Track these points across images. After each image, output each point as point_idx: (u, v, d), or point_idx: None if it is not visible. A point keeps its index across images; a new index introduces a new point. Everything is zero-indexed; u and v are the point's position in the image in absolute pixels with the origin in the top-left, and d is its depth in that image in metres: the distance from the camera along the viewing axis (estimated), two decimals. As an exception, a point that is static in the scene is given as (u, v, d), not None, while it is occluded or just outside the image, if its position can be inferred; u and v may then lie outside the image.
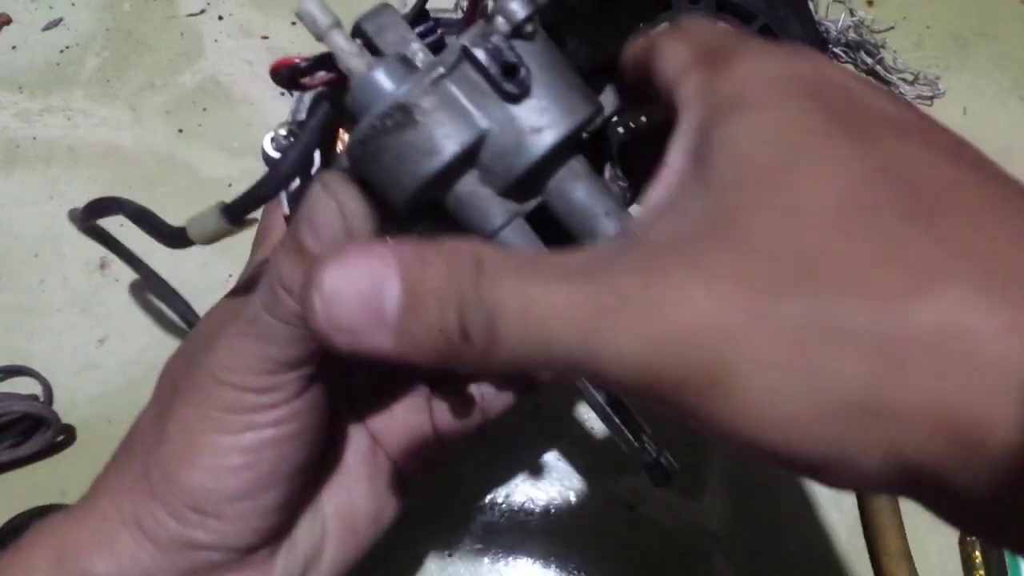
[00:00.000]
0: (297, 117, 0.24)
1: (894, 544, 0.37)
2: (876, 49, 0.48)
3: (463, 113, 0.19)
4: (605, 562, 0.39)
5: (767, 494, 0.40)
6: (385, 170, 0.20)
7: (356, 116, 0.20)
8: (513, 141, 0.20)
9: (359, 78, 0.20)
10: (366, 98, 0.20)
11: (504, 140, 0.20)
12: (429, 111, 0.19)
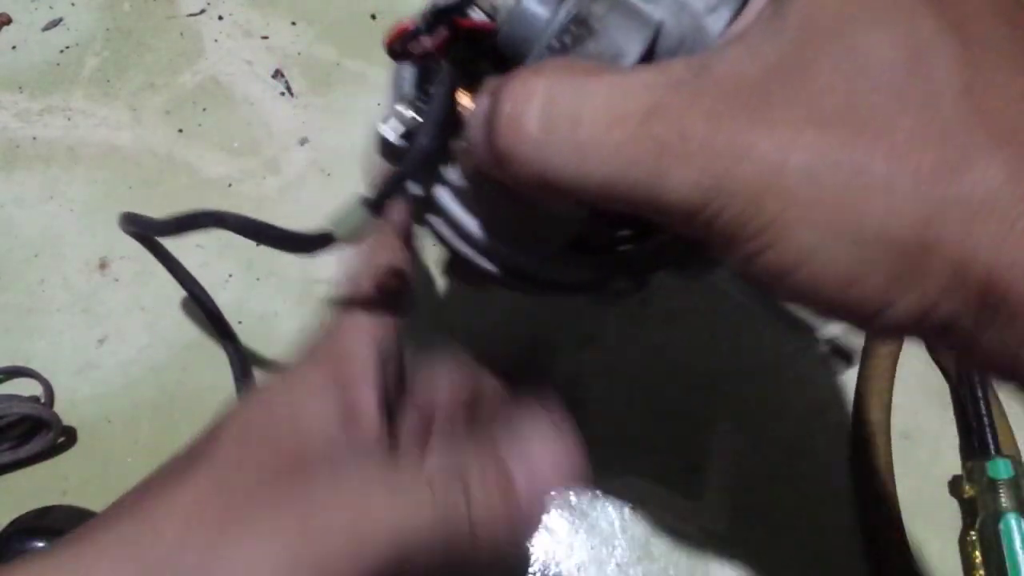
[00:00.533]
0: (403, 92, 0.22)
1: (894, 544, 0.38)
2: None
3: (635, 11, 0.19)
4: (607, 564, 0.39)
5: (767, 494, 0.40)
6: None
7: (516, 51, 0.19)
8: (691, 25, 0.19)
9: (511, 11, 0.19)
10: (526, 28, 0.19)
11: (681, 27, 0.19)
12: (604, 16, 0.19)
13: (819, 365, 0.42)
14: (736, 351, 0.42)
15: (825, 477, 0.40)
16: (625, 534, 0.39)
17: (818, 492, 0.40)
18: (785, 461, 0.40)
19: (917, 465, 0.40)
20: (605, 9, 0.19)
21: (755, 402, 0.41)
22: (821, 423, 0.41)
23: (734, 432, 0.41)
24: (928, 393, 0.42)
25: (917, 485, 0.40)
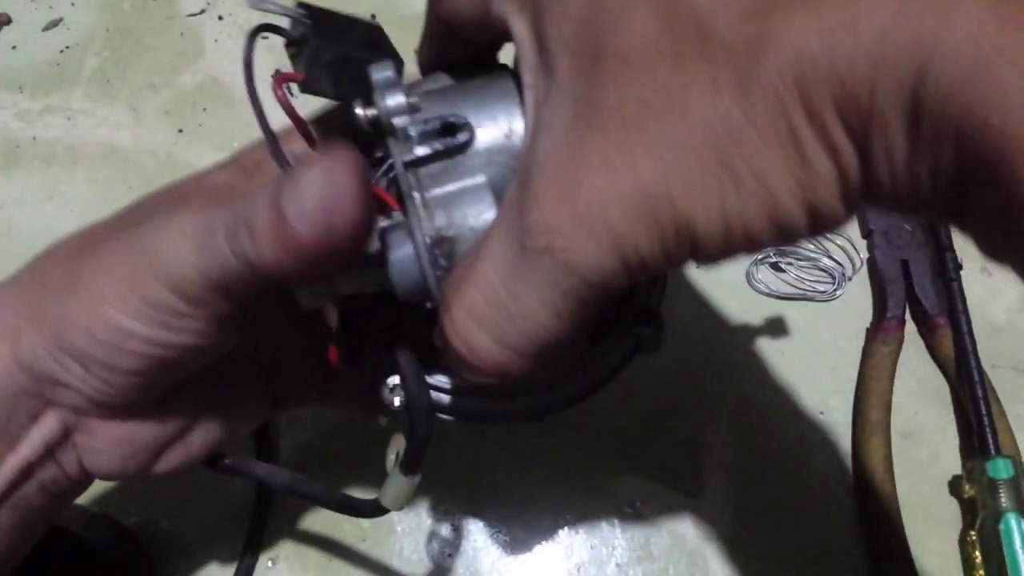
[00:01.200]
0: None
1: (894, 544, 0.38)
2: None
3: (469, 191, 0.21)
4: (607, 564, 0.39)
5: (767, 494, 0.40)
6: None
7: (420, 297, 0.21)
8: (510, 155, 0.21)
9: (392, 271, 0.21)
10: (409, 278, 0.21)
11: (504, 165, 0.21)
12: (451, 220, 0.20)
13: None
14: (736, 351, 0.42)
15: (825, 477, 0.40)
16: (625, 534, 0.39)
17: (818, 492, 0.40)
18: (785, 461, 0.40)
19: (917, 465, 0.40)
20: (446, 219, 0.21)
21: (755, 402, 0.41)
22: (821, 423, 0.41)
23: (734, 432, 0.41)
24: (928, 393, 0.42)
25: (917, 485, 0.40)
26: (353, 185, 0.19)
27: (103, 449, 0.25)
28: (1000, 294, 0.43)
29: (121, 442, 0.25)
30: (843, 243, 0.44)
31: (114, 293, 0.21)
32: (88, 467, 0.25)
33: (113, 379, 0.23)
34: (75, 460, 0.25)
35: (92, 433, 0.24)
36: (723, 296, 0.43)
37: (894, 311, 0.42)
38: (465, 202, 0.20)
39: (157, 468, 0.26)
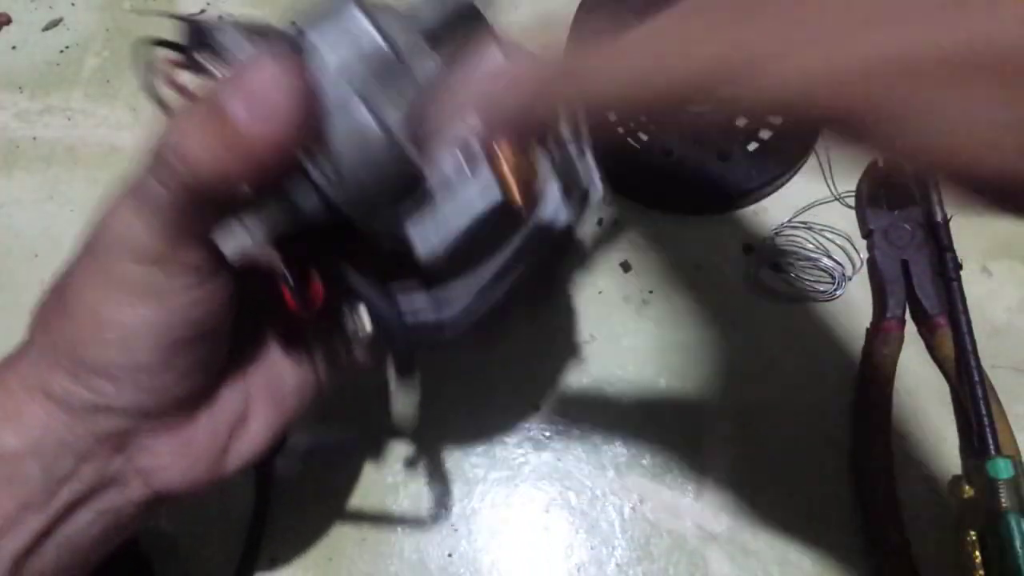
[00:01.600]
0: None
1: (894, 544, 0.37)
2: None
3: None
4: (607, 564, 0.39)
5: (767, 494, 0.40)
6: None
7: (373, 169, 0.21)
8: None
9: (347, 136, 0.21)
10: (362, 142, 0.21)
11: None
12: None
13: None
14: (736, 351, 0.42)
15: (825, 477, 0.40)
16: (625, 534, 0.39)
17: (818, 492, 0.40)
18: (785, 461, 0.40)
19: (917, 465, 0.40)
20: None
21: (755, 402, 0.41)
22: (821, 423, 0.41)
23: (734, 432, 0.41)
24: (928, 393, 0.42)
25: (917, 485, 0.40)
26: (286, 68, 0.19)
27: (167, 465, 0.25)
28: (1000, 294, 0.43)
29: (181, 452, 0.25)
30: (843, 243, 0.44)
31: (99, 295, 0.22)
32: (160, 489, 0.25)
33: (143, 380, 0.23)
34: (140, 486, 0.25)
35: (151, 452, 0.24)
36: (723, 296, 0.43)
37: (894, 311, 0.42)
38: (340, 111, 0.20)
39: (228, 468, 0.26)
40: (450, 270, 0.24)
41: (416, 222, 0.22)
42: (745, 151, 0.45)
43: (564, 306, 0.43)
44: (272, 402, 0.27)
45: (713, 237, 0.45)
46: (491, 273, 0.25)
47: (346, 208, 0.21)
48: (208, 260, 0.22)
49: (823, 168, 0.46)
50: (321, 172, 0.20)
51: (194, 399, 0.25)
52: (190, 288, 0.22)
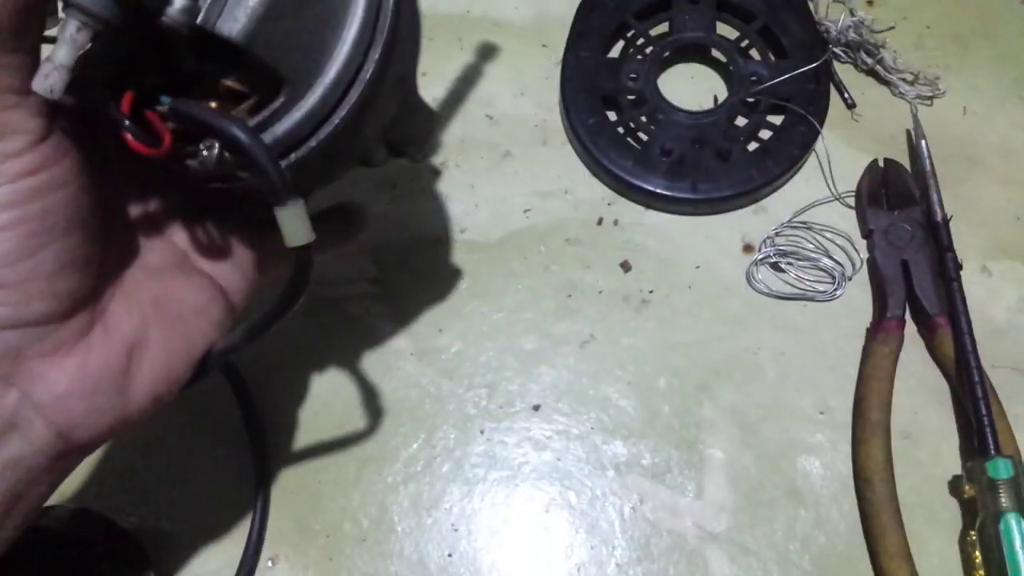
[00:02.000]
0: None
1: (894, 544, 0.38)
2: (876, 49, 0.48)
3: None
4: (607, 564, 0.39)
5: (767, 494, 0.40)
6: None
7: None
8: None
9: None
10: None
11: None
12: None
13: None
14: (736, 351, 0.42)
15: (825, 477, 0.40)
16: (625, 534, 0.39)
17: (818, 492, 0.40)
18: (785, 461, 0.40)
19: (917, 465, 0.40)
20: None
21: (755, 402, 0.41)
22: (821, 423, 0.41)
23: (733, 432, 0.41)
24: (928, 393, 0.42)
25: (917, 485, 0.40)
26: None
27: (64, 393, 0.23)
28: (1000, 294, 0.43)
29: (77, 375, 0.23)
30: (843, 243, 0.44)
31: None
32: (64, 427, 0.23)
33: (6, 274, 0.21)
34: (42, 426, 0.23)
35: (46, 380, 0.23)
36: (723, 296, 0.44)
37: (894, 311, 0.42)
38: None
39: (134, 398, 0.25)
40: (279, 55, 0.23)
41: (213, 4, 0.21)
42: (745, 151, 0.45)
43: (564, 307, 0.43)
44: (169, 322, 0.26)
45: (713, 237, 0.45)
46: (337, 68, 0.24)
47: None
48: (39, 120, 0.21)
49: (823, 168, 0.46)
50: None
51: (76, 304, 0.23)
52: (28, 154, 0.21)
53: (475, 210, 0.46)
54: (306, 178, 0.25)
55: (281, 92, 0.23)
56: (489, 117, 0.48)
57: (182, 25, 0.21)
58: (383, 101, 0.26)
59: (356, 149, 0.28)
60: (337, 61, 0.24)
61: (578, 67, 0.47)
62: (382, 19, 0.24)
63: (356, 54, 0.24)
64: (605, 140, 0.45)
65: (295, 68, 0.23)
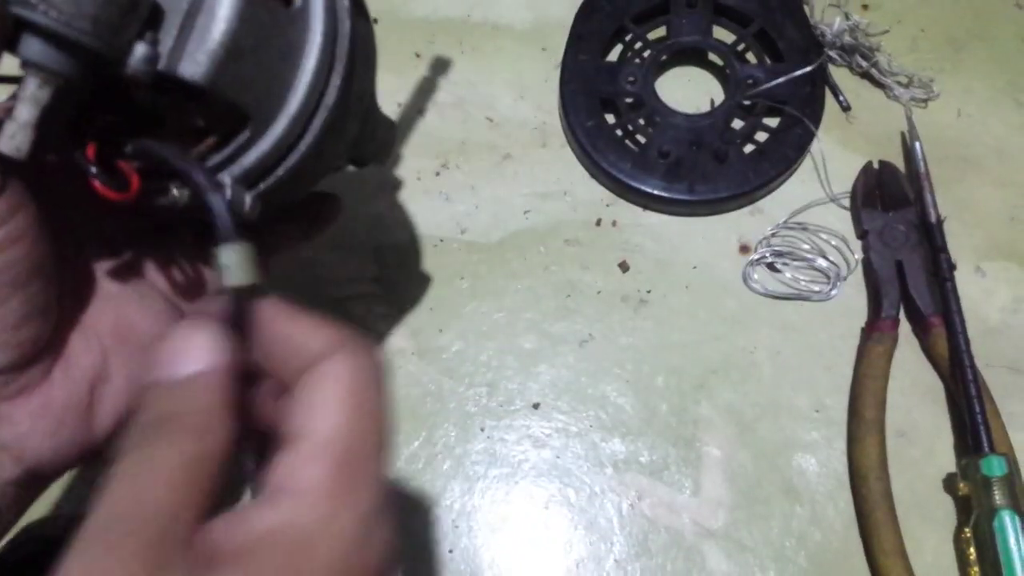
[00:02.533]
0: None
1: (889, 541, 0.38)
2: (871, 52, 0.48)
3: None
4: (605, 560, 0.39)
5: (763, 491, 0.40)
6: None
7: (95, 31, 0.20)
8: None
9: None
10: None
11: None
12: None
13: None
14: (732, 351, 0.43)
15: (820, 475, 0.40)
16: (623, 530, 0.40)
17: (813, 490, 0.40)
18: (781, 459, 0.41)
19: (912, 463, 0.40)
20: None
21: (751, 401, 0.42)
22: (816, 422, 0.41)
23: (730, 430, 0.41)
24: (923, 391, 0.42)
25: (912, 483, 0.40)
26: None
27: (28, 431, 0.23)
28: (994, 294, 0.44)
29: (41, 414, 0.24)
30: (838, 243, 0.45)
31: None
32: (29, 459, 0.23)
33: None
34: (9, 462, 0.23)
35: (9, 420, 0.23)
36: (720, 296, 0.44)
37: (888, 311, 0.42)
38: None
39: (98, 429, 0.25)
40: (241, 93, 0.23)
41: (174, 49, 0.21)
42: (741, 153, 0.46)
43: (563, 307, 0.44)
44: (130, 352, 0.26)
45: (710, 237, 0.45)
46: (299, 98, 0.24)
47: (80, 37, 0.19)
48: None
49: (818, 170, 0.46)
50: (38, 13, 0.19)
51: (39, 350, 0.23)
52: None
53: (475, 211, 0.46)
54: (273, 201, 0.26)
55: (246, 126, 0.24)
56: (489, 119, 0.48)
57: (144, 74, 0.21)
58: (346, 122, 0.27)
59: (321, 169, 0.28)
60: (299, 91, 0.24)
61: (577, 70, 0.48)
62: (339, 44, 0.25)
63: (317, 82, 0.24)
64: (604, 142, 0.46)
65: (258, 102, 0.24)
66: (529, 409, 0.42)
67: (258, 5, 0.22)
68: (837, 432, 0.41)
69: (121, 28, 0.20)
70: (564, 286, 0.44)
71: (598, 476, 0.40)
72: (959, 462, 0.40)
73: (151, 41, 0.21)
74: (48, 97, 0.20)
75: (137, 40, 0.21)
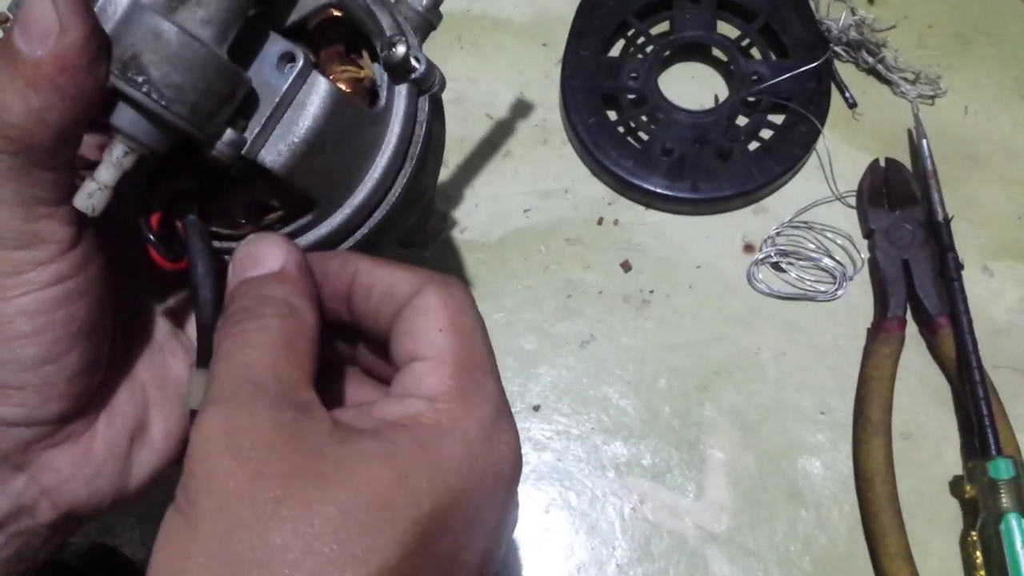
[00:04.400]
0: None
1: (895, 544, 0.38)
2: (877, 48, 0.48)
3: (119, 19, 0.21)
4: (607, 565, 0.39)
5: (767, 494, 0.40)
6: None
7: (162, 134, 0.21)
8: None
9: (121, 119, 0.21)
10: (137, 120, 0.21)
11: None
12: (123, 44, 0.21)
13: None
14: (737, 351, 0.42)
15: (826, 477, 0.40)
16: (625, 535, 0.39)
17: (818, 492, 0.40)
18: (785, 462, 0.40)
19: (918, 465, 0.40)
20: (119, 48, 0.21)
21: (755, 402, 0.41)
22: (822, 423, 0.41)
23: (734, 432, 0.41)
24: (929, 393, 0.41)
25: (918, 485, 0.40)
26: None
27: (69, 478, 0.24)
28: (1001, 294, 0.43)
29: (82, 462, 0.24)
30: (844, 243, 0.44)
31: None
32: (65, 504, 0.24)
33: (29, 378, 0.22)
34: (47, 506, 0.24)
35: (53, 467, 0.24)
36: (724, 296, 0.43)
37: (895, 311, 0.42)
38: (127, 24, 0.20)
39: (134, 478, 0.25)
40: (314, 183, 0.24)
41: (259, 136, 0.22)
42: (746, 150, 0.45)
43: (564, 307, 0.43)
44: (169, 403, 0.27)
45: (714, 237, 0.45)
46: (366, 192, 0.25)
47: (177, 121, 0.20)
48: (69, 230, 0.22)
49: (824, 167, 0.46)
50: (141, 92, 0.20)
51: (88, 403, 0.24)
52: (56, 262, 0.21)
53: (475, 210, 0.45)
54: None
55: (312, 210, 0.25)
56: (489, 116, 0.48)
57: (228, 157, 0.22)
58: (406, 216, 0.28)
59: (372, 253, 0.29)
60: (367, 185, 0.25)
61: (578, 66, 0.47)
62: (413, 146, 0.26)
63: (385, 179, 0.25)
64: (605, 139, 0.45)
65: (328, 193, 0.25)
66: (529, 411, 0.41)
67: (346, 105, 0.23)
68: (842, 434, 0.41)
69: (216, 115, 0.21)
70: (565, 286, 0.44)
71: (600, 479, 0.40)
72: (966, 465, 0.39)
73: (240, 128, 0.22)
74: (131, 164, 0.21)
75: (227, 126, 0.22)
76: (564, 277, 0.44)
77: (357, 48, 0.26)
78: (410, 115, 0.26)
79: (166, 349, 0.27)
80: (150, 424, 0.26)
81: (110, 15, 0.20)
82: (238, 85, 0.22)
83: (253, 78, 0.22)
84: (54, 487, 0.24)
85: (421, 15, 0.28)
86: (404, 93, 0.25)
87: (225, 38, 0.21)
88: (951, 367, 0.41)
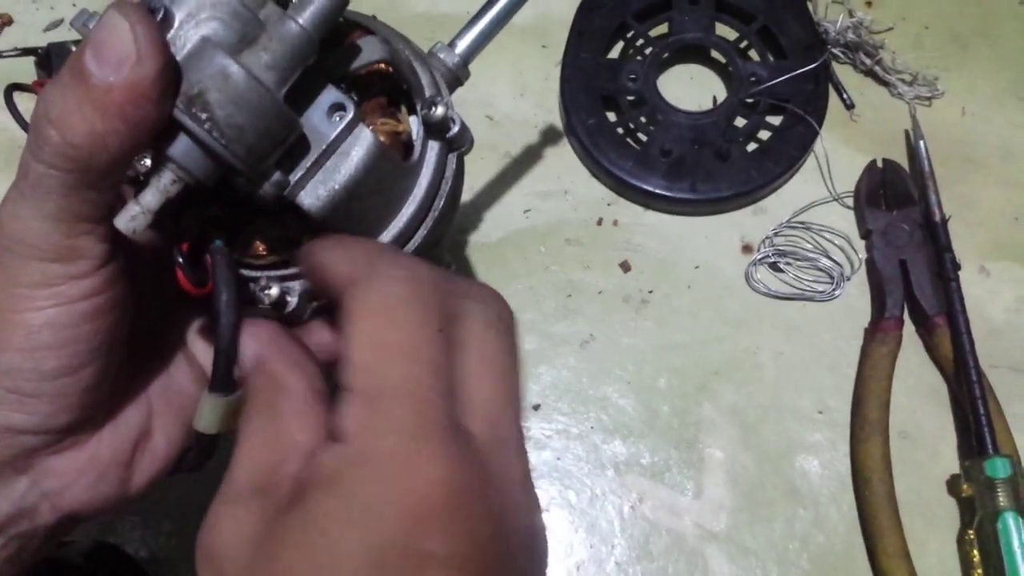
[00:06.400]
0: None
1: (893, 544, 0.38)
2: (875, 50, 0.48)
3: (190, 52, 0.21)
4: (606, 563, 0.39)
5: (766, 493, 0.40)
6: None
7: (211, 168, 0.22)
8: (219, 8, 0.22)
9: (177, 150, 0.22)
10: (191, 150, 0.22)
11: (214, 16, 0.22)
12: (192, 79, 0.21)
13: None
14: (735, 351, 0.43)
15: (823, 477, 0.40)
16: (624, 533, 0.39)
17: (816, 491, 0.40)
18: (784, 461, 0.40)
19: (915, 464, 0.40)
20: (187, 82, 0.21)
21: (754, 402, 0.42)
22: (819, 423, 0.41)
23: (733, 431, 0.41)
24: (926, 393, 0.42)
25: (915, 484, 0.40)
26: (130, 15, 0.19)
27: (72, 483, 0.24)
28: (998, 294, 0.44)
29: (86, 468, 0.24)
30: (842, 243, 0.45)
31: (7, 303, 0.21)
32: (66, 508, 0.24)
33: (46, 388, 0.22)
34: (48, 509, 0.24)
35: (56, 472, 0.24)
36: (723, 296, 0.44)
37: (892, 311, 0.42)
38: (197, 59, 0.21)
39: (134, 484, 0.26)
40: (343, 227, 0.24)
41: (301, 179, 0.23)
42: (744, 151, 0.45)
43: (563, 307, 0.44)
44: (173, 413, 0.27)
45: (712, 237, 0.45)
46: (389, 238, 0.26)
47: (233, 160, 0.21)
48: (105, 247, 0.22)
49: (822, 168, 0.46)
50: (203, 128, 0.21)
51: (98, 415, 0.24)
52: (89, 278, 0.22)
53: (475, 210, 0.46)
54: (321, 310, 0.27)
55: None
56: (489, 118, 0.48)
57: (271, 197, 0.23)
58: None
59: None
60: (391, 233, 0.26)
61: (578, 68, 0.47)
62: (438, 199, 0.27)
63: (408, 228, 0.26)
64: (605, 140, 0.46)
65: (354, 234, 0.25)
66: (529, 410, 0.42)
67: (385, 158, 0.24)
68: (840, 434, 0.41)
69: (268, 156, 0.22)
70: (565, 286, 0.44)
71: (599, 478, 0.40)
72: (963, 464, 0.39)
73: (286, 169, 0.23)
74: (176, 192, 0.22)
75: (276, 168, 0.22)
76: (564, 277, 0.44)
77: (396, 102, 0.27)
78: (439, 170, 0.27)
79: (173, 363, 0.28)
80: (153, 433, 0.26)
81: (179, 47, 0.21)
82: (292, 130, 0.22)
83: (304, 124, 0.23)
84: (56, 491, 0.24)
85: (452, 72, 0.30)
86: (436, 149, 0.27)
87: (285, 83, 0.22)
88: (948, 367, 0.41)
